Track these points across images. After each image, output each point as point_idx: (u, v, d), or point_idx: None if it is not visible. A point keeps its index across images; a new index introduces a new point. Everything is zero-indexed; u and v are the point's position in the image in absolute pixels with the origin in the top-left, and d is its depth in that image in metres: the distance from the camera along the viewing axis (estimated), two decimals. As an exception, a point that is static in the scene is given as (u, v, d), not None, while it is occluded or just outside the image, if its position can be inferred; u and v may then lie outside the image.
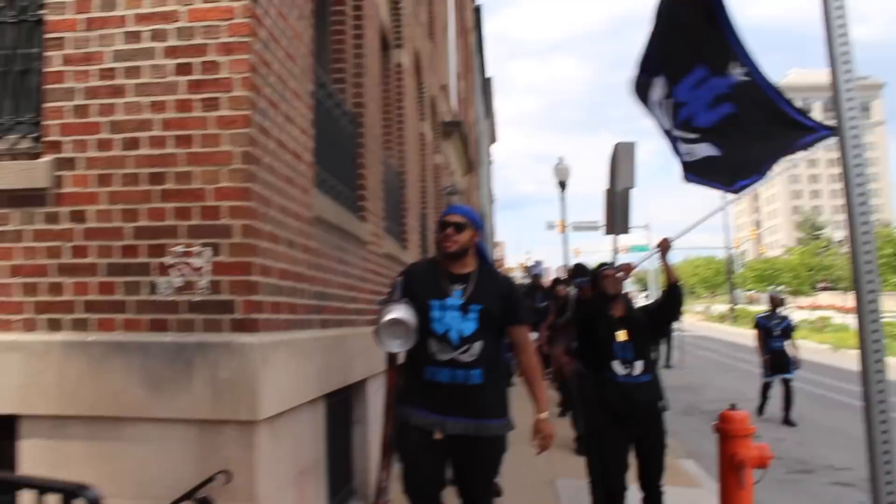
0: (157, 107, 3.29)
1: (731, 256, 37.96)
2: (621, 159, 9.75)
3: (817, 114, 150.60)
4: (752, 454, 4.75)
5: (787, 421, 10.47)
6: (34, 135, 3.44)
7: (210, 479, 3.08)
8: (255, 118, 3.30)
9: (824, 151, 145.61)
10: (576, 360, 5.98)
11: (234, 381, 3.12)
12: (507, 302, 3.56)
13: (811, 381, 14.80)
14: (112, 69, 3.32)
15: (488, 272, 3.65)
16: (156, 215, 3.27)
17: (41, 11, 3.46)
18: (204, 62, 3.28)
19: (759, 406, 10.96)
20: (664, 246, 4.96)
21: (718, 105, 4.27)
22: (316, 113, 4.36)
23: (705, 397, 13.47)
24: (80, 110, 3.34)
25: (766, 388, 11.05)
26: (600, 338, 4.72)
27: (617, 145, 9.83)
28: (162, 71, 3.30)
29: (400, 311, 3.36)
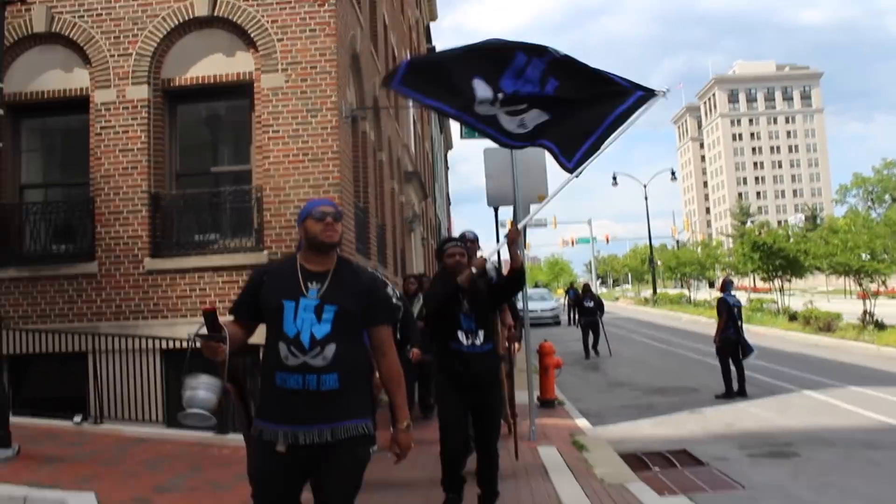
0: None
1: (651, 248, 44.41)
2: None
3: (760, 104, 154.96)
4: (555, 361, 10.68)
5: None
6: (260, 242, 9.15)
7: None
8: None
9: (767, 138, 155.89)
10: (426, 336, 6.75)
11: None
12: (367, 301, 3.31)
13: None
14: (290, 220, 9.05)
15: (350, 269, 3.41)
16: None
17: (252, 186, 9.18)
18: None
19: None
20: (512, 235, 5.18)
21: (546, 82, 4.76)
22: (354, 216, 10.15)
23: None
24: (279, 237, 9.05)
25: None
26: (447, 309, 5.02)
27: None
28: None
29: (199, 399, 3.11)
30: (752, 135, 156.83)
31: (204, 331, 3.07)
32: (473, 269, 5.02)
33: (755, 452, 7.97)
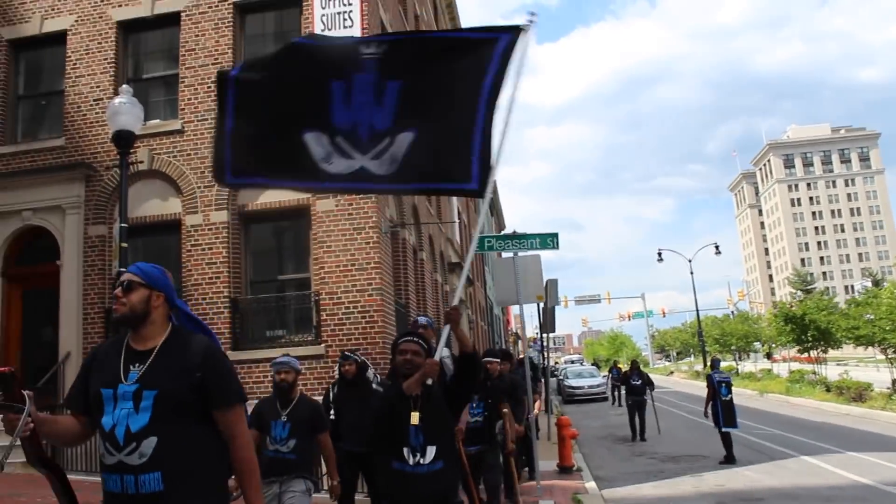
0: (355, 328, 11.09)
1: (699, 321, 45.24)
2: (549, 290, 17.51)
3: (817, 167, 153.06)
4: (571, 432, 12.38)
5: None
6: (318, 337, 11.22)
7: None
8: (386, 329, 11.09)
9: (827, 202, 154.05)
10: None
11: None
12: (200, 377, 2.73)
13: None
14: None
15: (181, 342, 2.84)
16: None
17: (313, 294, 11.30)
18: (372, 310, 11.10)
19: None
20: (453, 317, 4.28)
21: (383, 94, 4.04)
22: (395, 312, 12.17)
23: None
24: (333, 332, 11.11)
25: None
26: (395, 421, 4.12)
27: (548, 281, 17.55)
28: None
29: None
30: (811, 199, 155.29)
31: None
32: (429, 380, 4.17)
33: (727, 506, 9.54)
